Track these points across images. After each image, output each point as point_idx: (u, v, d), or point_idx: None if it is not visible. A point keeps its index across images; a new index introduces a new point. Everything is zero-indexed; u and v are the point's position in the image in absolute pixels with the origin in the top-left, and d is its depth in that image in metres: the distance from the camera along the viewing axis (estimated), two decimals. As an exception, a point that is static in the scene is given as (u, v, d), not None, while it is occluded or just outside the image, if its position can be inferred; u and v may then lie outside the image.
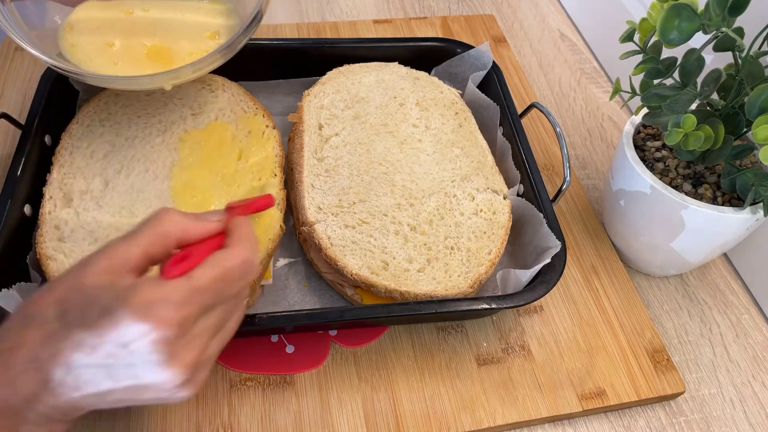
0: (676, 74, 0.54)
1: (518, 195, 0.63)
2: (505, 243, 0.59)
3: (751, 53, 0.50)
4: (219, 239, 0.39)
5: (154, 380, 0.34)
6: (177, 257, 0.36)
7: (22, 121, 0.59)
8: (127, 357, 0.33)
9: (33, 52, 0.50)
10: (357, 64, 0.70)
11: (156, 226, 0.36)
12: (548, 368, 0.57)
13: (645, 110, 0.60)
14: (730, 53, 0.52)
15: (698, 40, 0.50)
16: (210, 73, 0.66)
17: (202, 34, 0.58)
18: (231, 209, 0.42)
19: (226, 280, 0.36)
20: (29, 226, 0.55)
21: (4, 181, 0.55)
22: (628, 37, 0.55)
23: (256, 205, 0.45)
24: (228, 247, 0.38)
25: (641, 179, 0.56)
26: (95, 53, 0.56)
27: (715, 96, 0.56)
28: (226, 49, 0.53)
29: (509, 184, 0.64)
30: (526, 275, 0.54)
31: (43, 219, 0.54)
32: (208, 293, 0.35)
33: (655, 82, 0.55)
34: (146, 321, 0.32)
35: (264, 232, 0.55)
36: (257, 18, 0.54)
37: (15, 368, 0.33)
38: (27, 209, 0.55)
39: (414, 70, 0.71)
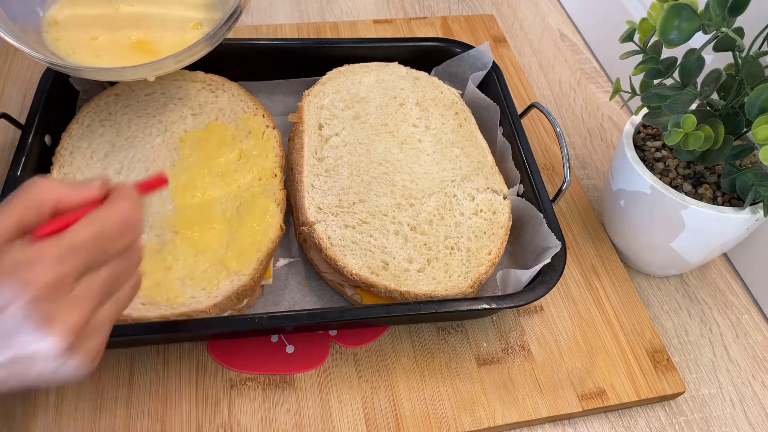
0: (676, 74, 0.54)
1: (518, 195, 0.63)
2: (505, 243, 0.59)
3: (751, 53, 0.50)
4: (99, 205, 0.36)
5: (35, 348, 0.32)
6: (50, 221, 0.34)
7: (22, 121, 0.59)
8: (2, 325, 0.31)
9: (21, 47, 0.50)
10: (357, 64, 0.70)
11: (29, 195, 0.34)
12: (548, 368, 0.57)
13: (645, 110, 0.60)
14: (730, 53, 0.52)
15: (698, 40, 0.50)
16: (210, 73, 0.66)
17: (186, 25, 0.59)
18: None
19: (104, 236, 0.34)
20: (29, 226, 0.55)
21: (4, 181, 0.54)
22: (628, 37, 0.55)
23: (149, 184, 0.42)
24: (105, 204, 0.35)
25: (641, 179, 0.56)
26: (79, 46, 0.56)
27: (715, 96, 0.56)
28: (207, 41, 0.54)
29: (509, 184, 0.64)
30: (526, 275, 0.54)
31: (43, 219, 0.54)
32: (84, 251, 0.33)
33: (655, 82, 0.55)
34: (16, 283, 0.31)
35: (264, 232, 0.55)
36: (238, 11, 0.55)
37: None
38: (27, 209, 0.55)
39: (414, 70, 0.71)
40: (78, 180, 0.36)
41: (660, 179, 0.57)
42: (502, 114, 0.67)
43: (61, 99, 0.64)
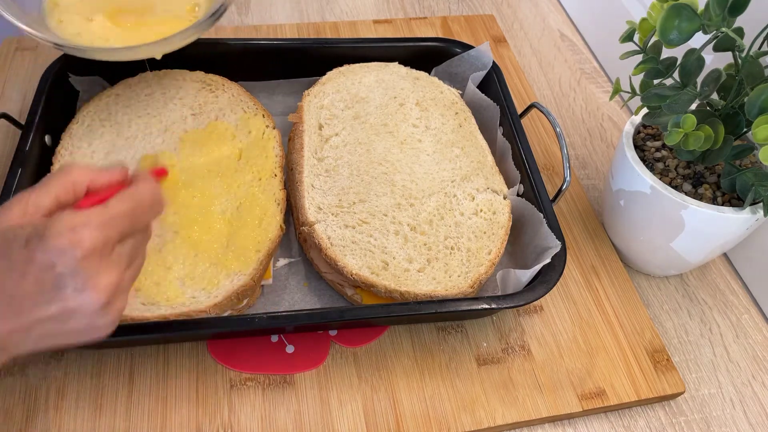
0: (676, 74, 0.54)
1: (518, 195, 0.63)
2: (505, 243, 0.59)
3: (751, 53, 0.50)
4: (124, 186, 0.41)
5: (79, 302, 0.35)
6: (87, 196, 0.39)
7: (22, 121, 0.59)
8: (54, 279, 0.35)
9: (30, 31, 0.51)
10: (357, 64, 0.70)
11: (66, 176, 0.39)
12: (548, 368, 0.57)
13: (645, 110, 0.60)
14: (730, 53, 0.52)
15: (698, 40, 0.50)
16: (210, 73, 0.66)
17: (183, 8, 0.60)
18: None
19: (138, 210, 0.39)
20: (29, 226, 0.55)
21: (4, 181, 0.54)
22: (628, 37, 0.55)
23: (154, 174, 0.46)
24: (136, 184, 0.40)
25: (641, 179, 0.56)
26: (84, 29, 0.57)
27: (715, 96, 0.56)
28: (210, 18, 0.55)
29: (509, 184, 0.64)
30: (526, 275, 0.54)
31: (43, 219, 0.54)
32: (123, 220, 0.38)
33: (655, 82, 0.55)
34: (67, 243, 0.34)
35: (264, 232, 0.55)
36: None
37: None
38: (27, 209, 0.55)
39: (414, 70, 0.71)
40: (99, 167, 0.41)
41: (660, 179, 0.57)
42: (502, 114, 0.67)
43: (61, 99, 0.64)
